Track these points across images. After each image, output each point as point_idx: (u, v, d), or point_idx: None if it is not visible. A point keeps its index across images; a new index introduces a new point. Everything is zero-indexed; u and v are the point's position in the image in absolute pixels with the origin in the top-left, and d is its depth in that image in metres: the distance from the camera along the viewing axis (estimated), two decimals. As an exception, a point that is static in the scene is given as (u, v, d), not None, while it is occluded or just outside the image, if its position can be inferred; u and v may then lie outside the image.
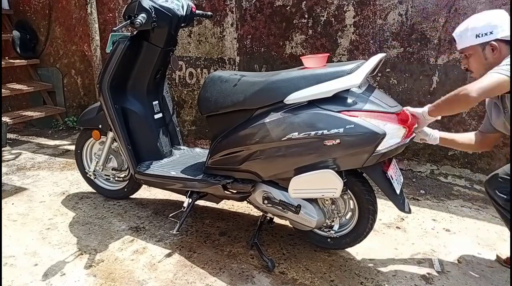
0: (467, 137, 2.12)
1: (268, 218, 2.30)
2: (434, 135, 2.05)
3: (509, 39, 1.71)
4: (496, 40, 1.69)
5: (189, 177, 2.27)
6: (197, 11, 2.56)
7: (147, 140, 2.54)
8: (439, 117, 1.85)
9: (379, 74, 3.18)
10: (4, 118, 4.15)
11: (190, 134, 4.06)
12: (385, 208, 2.58)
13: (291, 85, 1.88)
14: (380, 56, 1.91)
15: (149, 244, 2.32)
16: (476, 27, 1.71)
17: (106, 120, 2.48)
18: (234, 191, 2.17)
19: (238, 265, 2.12)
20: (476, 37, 1.69)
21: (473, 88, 1.62)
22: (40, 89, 4.72)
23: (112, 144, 2.65)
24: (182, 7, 2.41)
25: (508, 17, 1.74)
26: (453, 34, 1.81)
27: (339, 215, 2.10)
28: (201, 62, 3.83)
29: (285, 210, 2.05)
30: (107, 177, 2.81)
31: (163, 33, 2.36)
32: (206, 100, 2.14)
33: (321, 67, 1.95)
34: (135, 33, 2.44)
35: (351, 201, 2.08)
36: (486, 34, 1.67)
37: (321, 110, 1.82)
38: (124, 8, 2.30)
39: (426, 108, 1.82)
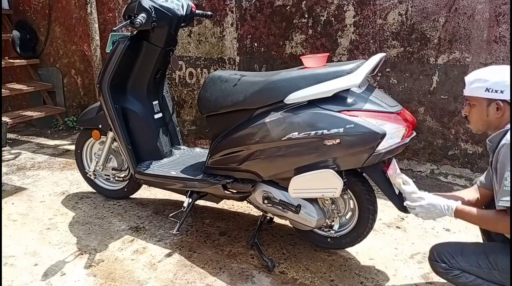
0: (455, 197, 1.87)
1: (268, 217, 2.30)
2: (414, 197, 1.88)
3: None
4: (504, 100, 1.58)
5: (189, 176, 2.27)
6: (197, 11, 2.56)
7: (147, 140, 2.54)
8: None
9: (379, 74, 3.17)
10: (4, 118, 4.15)
11: (190, 134, 4.06)
12: (385, 208, 2.58)
13: (291, 85, 1.88)
14: (380, 56, 1.91)
15: (149, 244, 2.32)
16: (488, 81, 1.58)
17: (106, 120, 2.48)
18: (234, 191, 2.17)
19: (238, 265, 2.12)
20: (485, 91, 1.58)
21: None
22: (40, 89, 4.72)
23: (112, 143, 2.65)
24: (182, 7, 2.42)
25: None
26: (465, 78, 1.69)
27: (339, 214, 2.09)
28: (201, 62, 3.83)
29: (285, 209, 2.05)
30: (107, 177, 2.81)
31: (163, 33, 2.37)
32: (206, 100, 2.14)
33: (321, 67, 1.95)
34: (135, 33, 2.44)
35: (351, 201, 2.08)
36: (496, 91, 1.56)
37: (321, 110, 1.82)
38: (124, 8, 2.31)
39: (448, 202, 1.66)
